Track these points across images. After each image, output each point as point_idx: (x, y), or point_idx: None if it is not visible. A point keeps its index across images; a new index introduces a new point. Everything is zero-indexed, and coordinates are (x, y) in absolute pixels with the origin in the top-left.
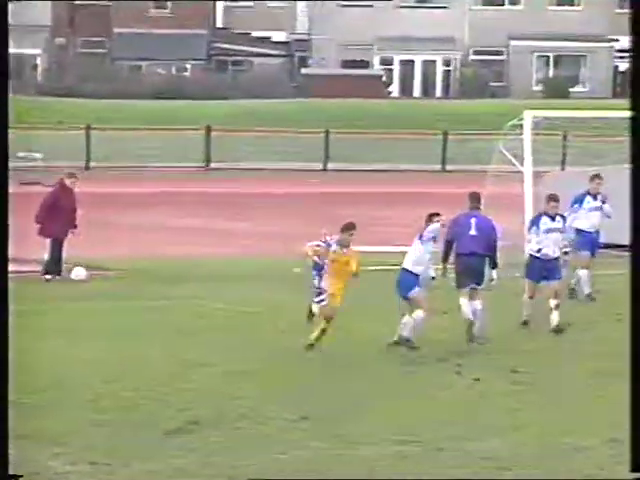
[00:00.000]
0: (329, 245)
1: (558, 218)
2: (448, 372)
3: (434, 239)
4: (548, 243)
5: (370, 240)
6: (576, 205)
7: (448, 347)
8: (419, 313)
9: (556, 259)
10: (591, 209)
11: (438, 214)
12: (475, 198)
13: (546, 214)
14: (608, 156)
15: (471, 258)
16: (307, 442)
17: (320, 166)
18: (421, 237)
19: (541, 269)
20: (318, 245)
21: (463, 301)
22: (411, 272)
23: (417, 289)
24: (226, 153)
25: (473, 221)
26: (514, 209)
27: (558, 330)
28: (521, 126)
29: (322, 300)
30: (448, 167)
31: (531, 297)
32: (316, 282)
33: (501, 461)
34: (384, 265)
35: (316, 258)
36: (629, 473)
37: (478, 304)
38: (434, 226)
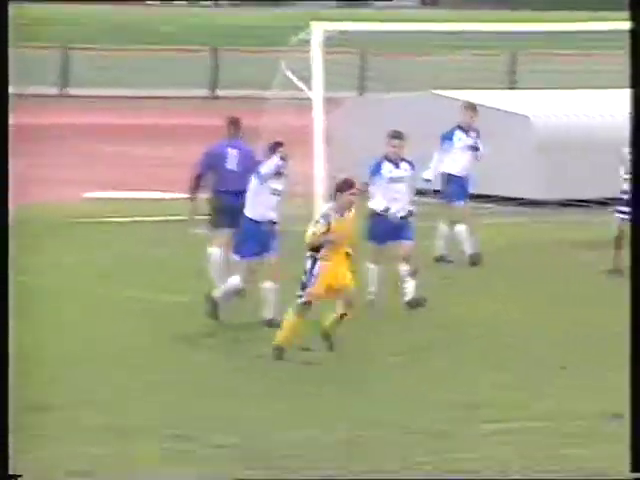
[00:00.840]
0: (327, 218)
1: (404, 164)
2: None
3: (277, 175)
4: (395, 196)
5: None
6: (446, 144)
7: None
8: (269, 285)
9: (406, 216)
10: (463, 148)
11: (280, 144)
12: (235, 125)
13: (387, 158)
14: (416, 79)
15: (228, 196)
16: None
17: (55, 90)
18: (258, 173)
19: (387, 228)
20: (317, 222)
21: (214, 251)
22: (253, 220)
23: (272, 252)
24: None
25: (232, 152)
26: (301, 144)
27: (416, 304)
28: (309, 42)
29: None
30: (219, 93)
31: (376, 263)
32: (312, 268)
33: (296, 459)
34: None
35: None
36: (629, 473)
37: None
38: (273, 159)
